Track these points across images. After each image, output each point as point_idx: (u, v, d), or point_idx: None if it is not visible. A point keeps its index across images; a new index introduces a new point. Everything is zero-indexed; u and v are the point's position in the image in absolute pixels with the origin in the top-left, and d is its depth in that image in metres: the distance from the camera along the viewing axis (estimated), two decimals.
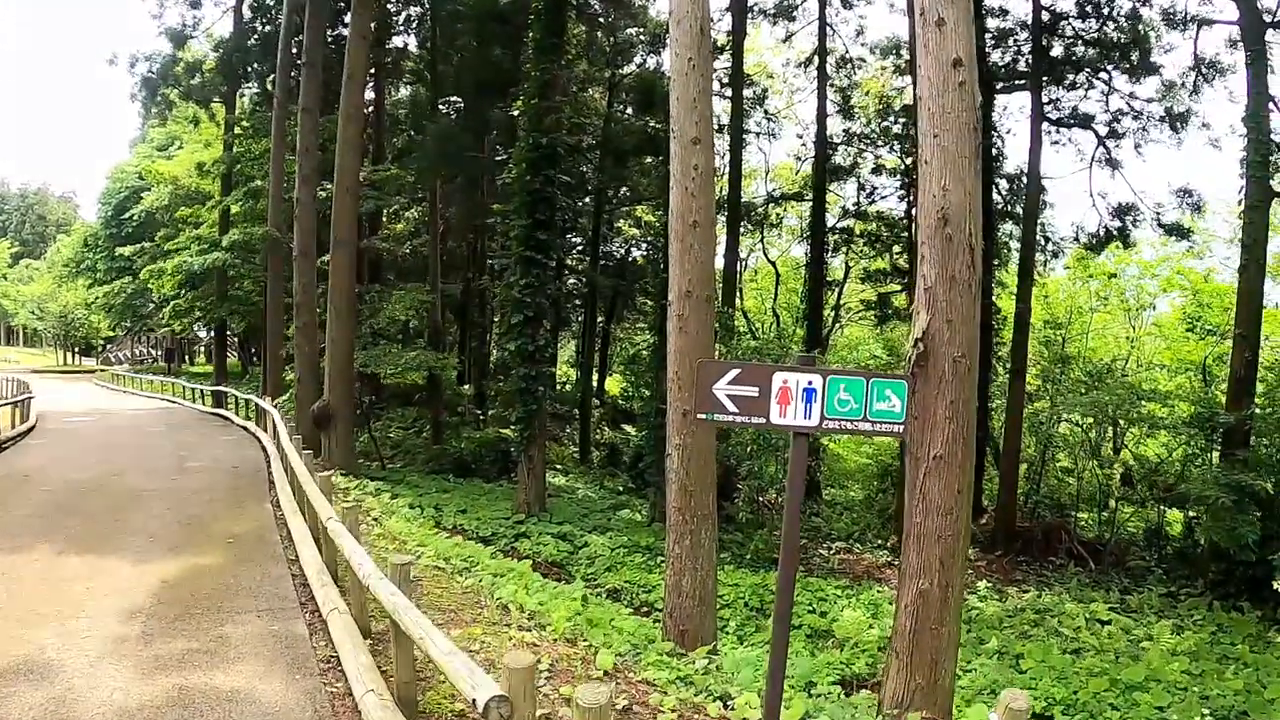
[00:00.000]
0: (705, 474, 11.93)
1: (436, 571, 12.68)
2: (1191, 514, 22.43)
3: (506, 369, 24.01)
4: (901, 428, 6.02)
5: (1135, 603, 19.41)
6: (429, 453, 31.18)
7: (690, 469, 11.69)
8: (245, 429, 29.49)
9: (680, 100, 11.84)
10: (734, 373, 5.97)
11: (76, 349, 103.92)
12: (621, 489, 30.97)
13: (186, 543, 12.78)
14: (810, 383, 5.84)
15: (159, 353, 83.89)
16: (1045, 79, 27.33)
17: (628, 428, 41.54)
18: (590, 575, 19.51)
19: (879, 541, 25.63)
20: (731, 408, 5.94)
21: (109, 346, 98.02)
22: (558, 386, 45.03)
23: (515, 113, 24.57)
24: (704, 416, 6.06)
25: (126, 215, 66.15)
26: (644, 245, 44.68)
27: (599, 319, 45.03)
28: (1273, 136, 21.39)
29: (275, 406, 25.09)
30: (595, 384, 44.74)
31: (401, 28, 39.55)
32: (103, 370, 74.72)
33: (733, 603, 17.43)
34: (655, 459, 25.08)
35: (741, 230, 35.51)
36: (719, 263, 47.75)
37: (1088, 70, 27.96)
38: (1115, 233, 28.94)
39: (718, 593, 13.37)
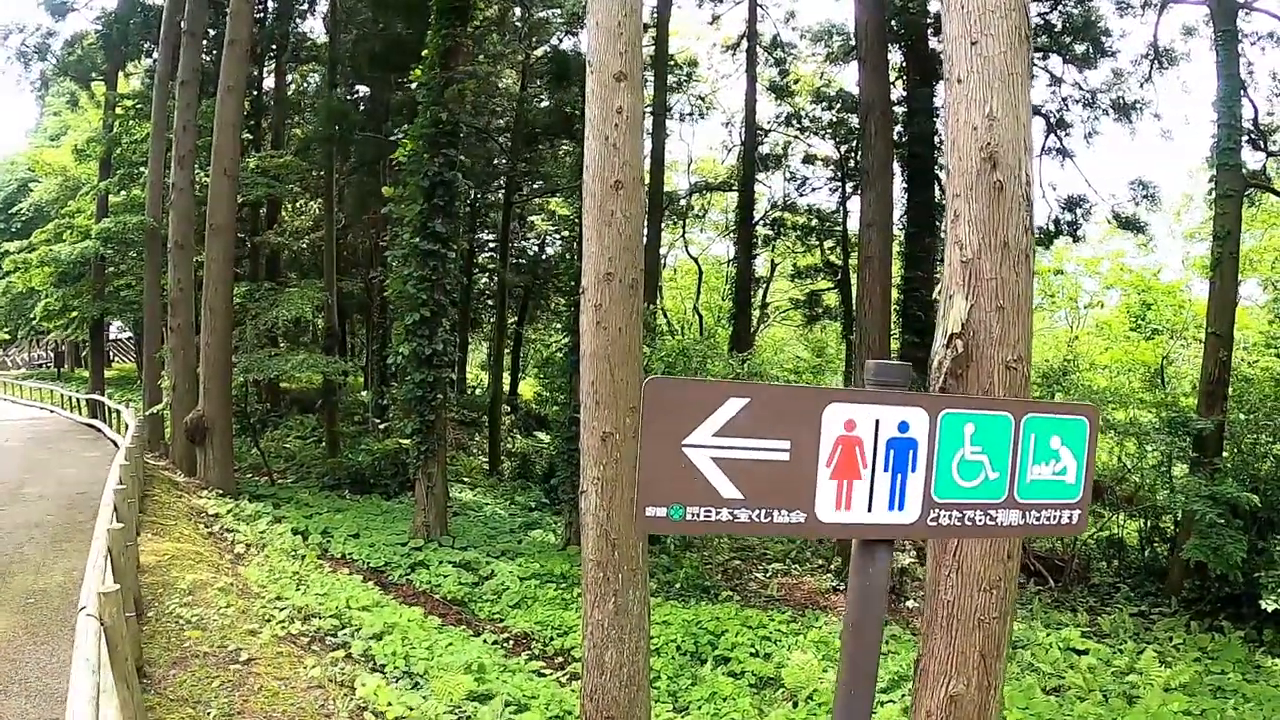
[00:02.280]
0: (631, 516, 9.14)
1: (284, 648, 9.86)
2: (1161, 526, 21.48)
3: (403, 373, 21.21)
4: (1078, 514, 3.08)
5: (1107, 625, 17.62)
6: (324, 466, 28.33)
7: (613, 510, 8.86)
8: (114, 443, 26.30)
9: (601, 24, 8.94)
10: (736, 405, 2.72)
11: None
12: (534, 504, 28.50)
13: None
14: (905, 422, 2.84)
15: (53, 357, 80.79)
16: None
17: (541, 435, 39.05)
18: (496, 615, 17.09)
19: (818, 561, 23.40)
20: (730, 490, 2.76)
21: (4, 350, 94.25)
22: (469, 391, 42.37)
23: (414, 84, 21.77)
24: (661, 514, 2.75)
25: (15, 210, 62.33)
26: (556, 240, 42.28)
27: (510, 319, 42.08)
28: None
29: (148, 417, 22.31)
30: (507, 388, 41.80)
31: (305, 11, 37.19)
32: None
33: (662, 647, 14.90)
34: (568, 475, 22.76)
35: (662, 225, 33.11)
36: None
37: (1038, 54, 26.16)
38: (1066, 226, 27.34)
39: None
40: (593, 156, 9.00)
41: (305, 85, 41.56)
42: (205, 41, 27.55)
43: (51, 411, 42.15)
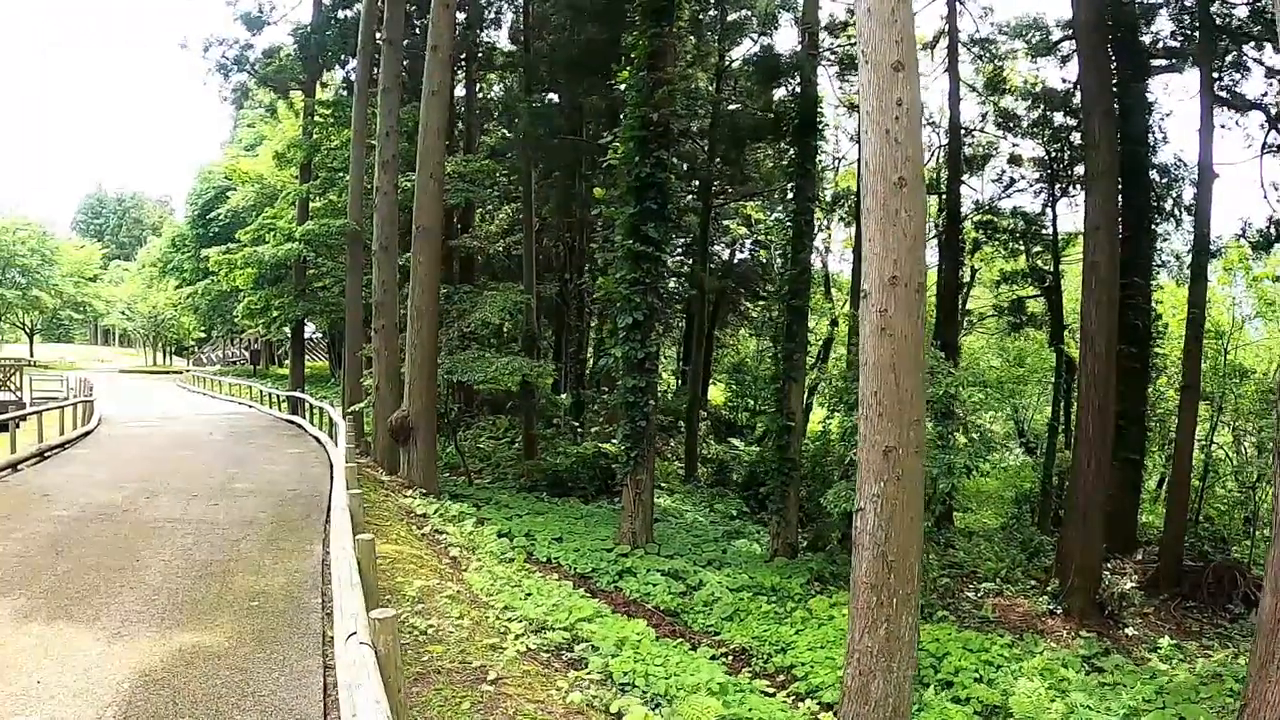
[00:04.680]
0: (912, 537, 8.57)
1: (529, 666, 9.45)
2: None
3: (609, 378, 20.87)
4: None
5: None
6: (520, 468, 28.29)
7: (893, 530, 8.30)
8: (318, 440, 26.61)
9: (873, 12, 8.47)
10: None
11: (169, 350, 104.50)
12: (734, 513, 27.95)
13: (193, 606, 9.59)
14: None
15: (249, 355, 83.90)
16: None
17: (735, 441, 38.49)
18: (710, 628, 16.45)
19: (1030, 582, 22.23)
20: None
21: (200, 347, 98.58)
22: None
23: (622, 86, 21.45)
24: None
25: (212, 216, 65.77)
26: (747, 246, 41.77)
27: (705, 324, 41.56)
28: None
29: (349, 416, 22.47)
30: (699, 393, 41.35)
31: (492, 22, 37.54)
32: (188, 371, 74.35)
33: None
34: (778, 485, 22.08)
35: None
36: (838, 266, 44.82)
37: (1253, 44, 24.44)
38: None
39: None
40: (872, 152, 8.44)
41: (491, 94, 42.06)
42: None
43: (250, 407, 43.17)
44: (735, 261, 41.69)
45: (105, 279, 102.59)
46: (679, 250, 38.61)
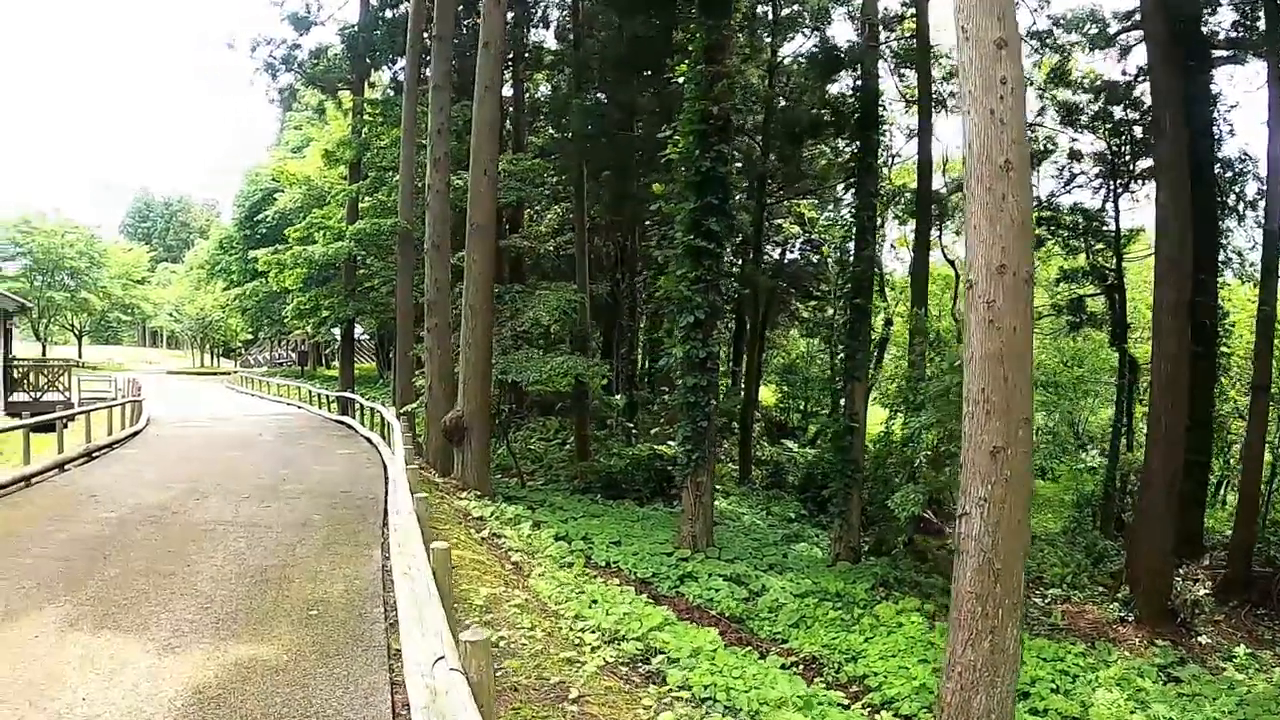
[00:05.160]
0: (1018, 543, 8.01)
1: (610, 681, 8.99)
2: None
3: (666, 378, 20.37)
4: None
5: None
6: (573, 469, 27.86)
7: (1000, 536, 7.76)
8: (369, 441, 26.32)
9: None
10: None
11: (216, 351, 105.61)
12: (792, 516, 27.41)
13: (248, 615, 9.09)
14: None
15: (296, 356, 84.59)
16: None
17: (788, 443, 37.96)
18: (777, 635, 15.94)
19: (1098, 588, 21.61)
20: None
21: (248, 349, 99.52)
22: None
23: (679, 80, 21.02)
24: None
25: (260, 217, 66.17)
26: (797, 245, 41.18)
27: (755, 324, 40.99)
28: None
29: (401, 416, 22.12)
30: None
31: (539, 21, 37.64)
32: (236, 372, 74.94)
33: None
34: (840, 488, 21.60)
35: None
36: (891, 265, 44.04)
37: None
38: None
39: None
40: (975, 134, 7.91)
41: (537, 94, 41.84)
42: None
43: (299, 408, 43.10)
44: (786, 261, 41.03)
45: (153, 281, 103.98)
46: (730, 249, 38.18)
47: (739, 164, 30.81)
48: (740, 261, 35.75)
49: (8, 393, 33.12)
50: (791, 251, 43.73)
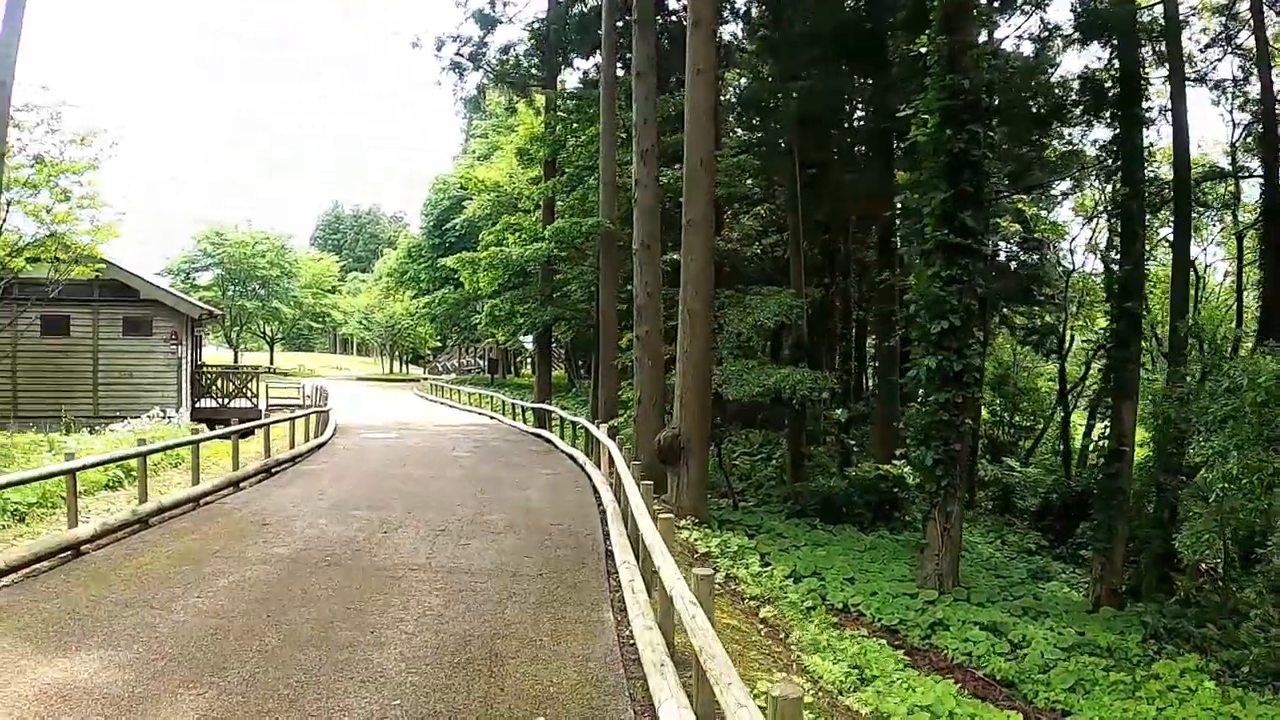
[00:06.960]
0: None
1: None
2: None
3: (914, 393, 17.85)
4: None
5: None
6: (785, 489, 25.54)
7: None
8: (571, 459, 24.62)
9: None
10: None
11: (405, 358, 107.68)
12: (1033, 548, 24.56)
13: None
14: None
15: (485, 363, 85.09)
16: None
17: (1010, 462, 34.92)
18: (1056, 704, 13.18)
19: None
20: None
21: (436, 355, 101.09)
22: None
23: (922, 50, 18.65)
24: None
25: (448, 226, 66.72)
26: (1013, 245, 37.99)
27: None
28: None
29: (612, 435, 20.25)
30: None
31: (732, 15, 35.11)
32: (425, 380, 75.64)
33: None
34: (1105, 520, 18.94)
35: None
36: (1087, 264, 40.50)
37: None
38: None
39: None
40: None
41: (727, 95, 39.94)
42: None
43: (491, 418, 42.33)
44: (1004, 262, 37.83)
45: (343, 290, 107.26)
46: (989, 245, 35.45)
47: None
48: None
49: (195, 399, 33.40)
50: (1005, 252, 40.54)
